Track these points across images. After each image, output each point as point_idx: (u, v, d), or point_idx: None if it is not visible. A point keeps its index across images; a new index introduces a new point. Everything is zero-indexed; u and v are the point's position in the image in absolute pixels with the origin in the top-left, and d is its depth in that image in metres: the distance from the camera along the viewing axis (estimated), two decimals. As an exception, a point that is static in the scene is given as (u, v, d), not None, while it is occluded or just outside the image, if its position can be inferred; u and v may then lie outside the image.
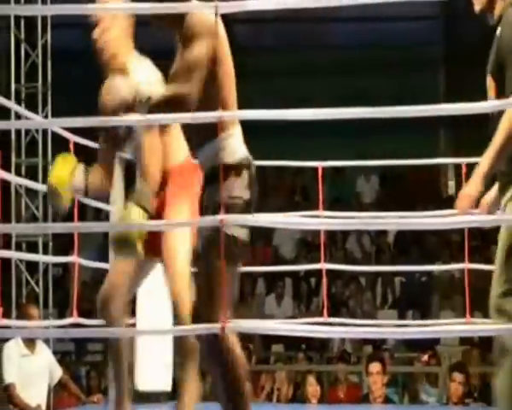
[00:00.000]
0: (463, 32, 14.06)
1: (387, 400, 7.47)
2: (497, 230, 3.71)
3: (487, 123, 3.65)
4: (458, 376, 7.07)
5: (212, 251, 3.49)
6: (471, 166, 6.12)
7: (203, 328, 3.40)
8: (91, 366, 9.97)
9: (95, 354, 10.53)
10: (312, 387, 7.65)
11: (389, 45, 13.02)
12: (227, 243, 3.40)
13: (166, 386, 6.13)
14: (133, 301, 6.01)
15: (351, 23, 13.42)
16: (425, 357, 8.72)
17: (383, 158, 6.65)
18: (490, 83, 3.74)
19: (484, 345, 9.58)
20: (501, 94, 3.57)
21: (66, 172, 4.14)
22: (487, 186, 3.66)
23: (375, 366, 7.04)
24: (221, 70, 3.49)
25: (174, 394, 7.26)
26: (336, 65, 13.12)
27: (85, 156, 5.71)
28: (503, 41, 3.63)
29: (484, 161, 3.55)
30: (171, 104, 3.46)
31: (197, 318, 3.51)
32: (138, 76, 3.91)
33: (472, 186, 3.58)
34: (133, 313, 5.97)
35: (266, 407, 6.34)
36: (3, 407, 6.56)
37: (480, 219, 3.67)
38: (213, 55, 3.47)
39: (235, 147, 3.58)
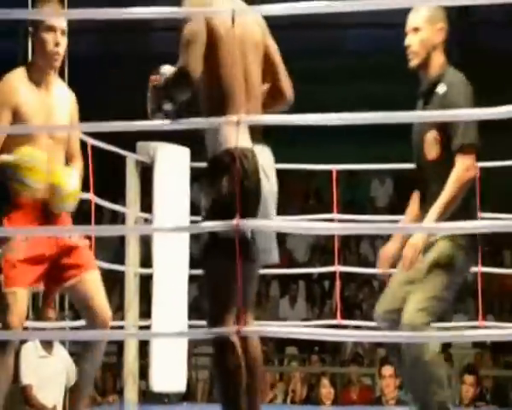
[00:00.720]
0: (478, 38, 14.06)
1: (400, 402, 7.44)
2: (508, 236, 3.71)
3: (495, 128, 3.65)
4: (469, 378, 7.05)
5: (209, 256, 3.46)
6: (482, 170, 6.13)
7: (219, 331, 3.38)
8: (106, 368, 9.98)
9: (110, 356, 10.53)
10: (326, 389, 7.64)
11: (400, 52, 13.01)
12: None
13: (181, 387, 6.13)
14: (148, 304, 6.02)
15: (362, 29, 13.44)
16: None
17: (397, 162, 6.62)
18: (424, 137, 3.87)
19: (496, 348, 9.55)
20: (446, 148, 3.76)
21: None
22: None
23: (387, 369, 7.03)
24: (223, 48, 3.44)
25: (188, 394, 7.27)
26: (348, 71, 13.12)
27: (100, 158, 5.73)
28: (449, 101, 3.78)
29: (431, 216, 3.72)
30: (175, 79, 3.41)
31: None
32: None
33: (419, 237, 3.73)
34: (148, 315, 5.98)
35: (281, 408, 6.33)
36: (21, 408, 6.57)
37: (493, 224, 3.65)
38: (211, 33, 3.42)
39: (225, 136, 3.46)
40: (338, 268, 6.35)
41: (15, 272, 4.01)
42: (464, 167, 3.71)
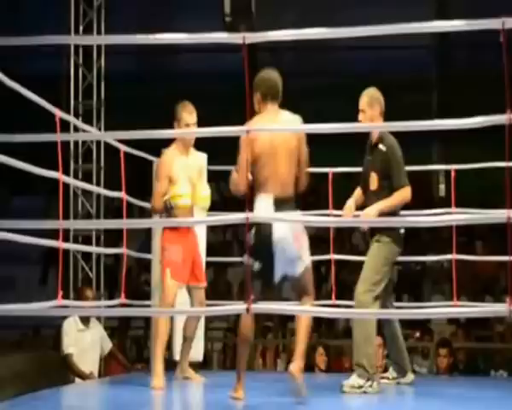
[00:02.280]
0: (454, 58, 14.03)
1: (387, 369, 7.42)
2: (480, 227, 3.72)
3: (471, 137, 3.65)
4: (443, 350, 7.04)
5: None
6: (459, 172, 6.11)
7: (230, 309, 3.39)
8: (136, 340, 10.00)
9: (139, 330, 10.54)
10: (321, 356, 7.63)
11: (388, 71, 13.00)
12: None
13: (198, 356, 6.13)
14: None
15: (356, 51, 13.43)
16: (417, 334, 8.67)
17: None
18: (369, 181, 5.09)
19: (469, 325, 9.55)
20: (381, 184, 5.00)
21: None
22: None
23: (376, 340, 7.00)
24: (258, 158, 4.28)
25: (205, 363, 7.28)
26: (344, 89, 13.10)
27: (131, 162, 5.74)
28: (389, 155, 4.96)
29: (380, 206, 4.89)
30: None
31: None
32: None
33: (372, 211, 4.87)
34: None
35: (283, 376, 6.32)
36: (63, 373, 6.59)
37: (464, 217, 3.65)
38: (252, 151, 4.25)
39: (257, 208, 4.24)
40: (333, 256, 6.43)
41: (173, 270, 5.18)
42: (402, 193, 4.94)
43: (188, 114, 5.24)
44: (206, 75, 14.12)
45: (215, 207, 5.85)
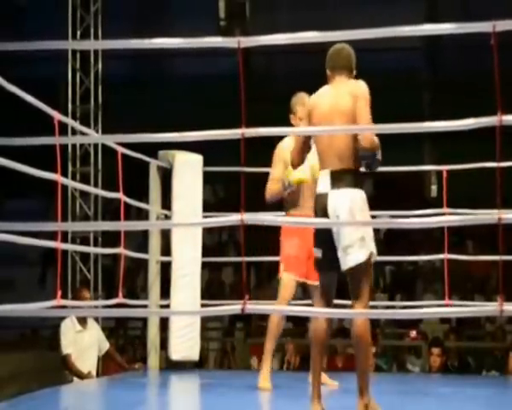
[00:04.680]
0: (445, 60, 14.05)
1: (378, 368, 7.44)
2: (471, 228, 3.72)
3: (462, 138, 3.65)
4: (436, 350, 7.04)
5: None
6: (450, 173, 6.11)
7: (225, 309, 3.38)
8: (133, 339, 9.99)
9: (136, 329, 10.54)
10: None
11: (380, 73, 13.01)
12: None
13: (195, 356, 6.13)
14: (168, 286, 6.02)
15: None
16: (413, 333, 8.68)
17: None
18: None
19: (460, 325, 9.56)
20: None
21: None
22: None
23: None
24: (314, 122, 3.89)
25: (201, 363, 7.27)
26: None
27: (128, 164, 5.73)
28: None
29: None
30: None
31: None
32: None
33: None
34: (168, 296, 5.97)
35: (278, 375, 6.34)
36: (61, 373, 6.57)
37: (456, 219, 3.65)
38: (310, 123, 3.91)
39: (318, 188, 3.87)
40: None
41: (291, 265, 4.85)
42: None
43: (302, 107, 4.78)
44: (202, 78, 14.11)
45: (211, 208, 5.85)
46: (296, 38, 3.41)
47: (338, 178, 3.74)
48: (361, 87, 3.83)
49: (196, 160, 6.21)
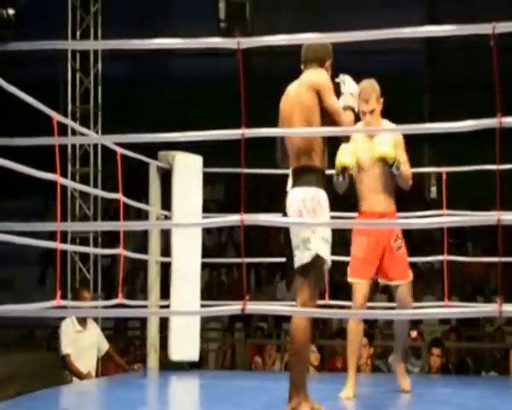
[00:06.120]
0: (445, 61, 14.05)
1: (377, 369, 7.44)
2: (471, 230, 3.73)
3: (462, 140, 3.65)
4: (436, 350, 7.04)
5: None
6: (450, 175, 6.11)
7: (225, 310, 3.38)
8: (133, 339, 9.98)
9: (135, 330, 10.54)
10: (314, 353, 7.63)
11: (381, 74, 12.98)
12: None
13: (194, 356, 6.13)
14: (167, 287, 6.02)
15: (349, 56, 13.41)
16: (414, 334, 8.66)
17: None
18: None
19: (460, 325, 9.55)
20: None
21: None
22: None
23: (363, 340, 7.04)
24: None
25: (200, 363, 7.27)
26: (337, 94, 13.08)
27: (128, 164, 5.73)
28: None
29: None
30: None
31: None
32: None
33: None
34: (167, 296, 5.98)
35: (279, 375, 6.34)
36: (60, 373, 6.57)
37: (455, 220, 3.65)
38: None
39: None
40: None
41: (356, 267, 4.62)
42: None
43: (362, 101, 4.55)
44: (202, 79, 14.12)
45: (210, 209, 5.85)
46: (296, 39, 3.41)
47: (296, 177, 3.69)
48: (320, 77, 3.75)
49: (196, 161, 6.21)
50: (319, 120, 3.68)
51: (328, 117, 3.67)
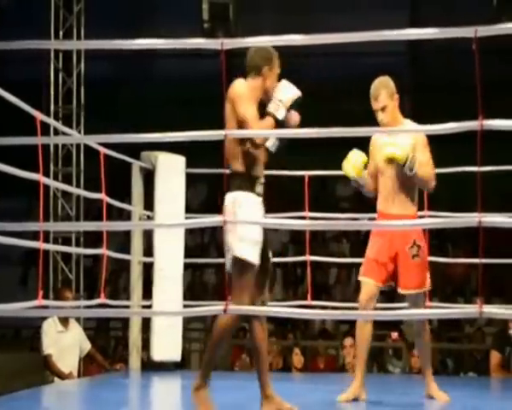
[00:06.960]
0: (427, 64, 14.10)
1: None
2: (452, 232, 3.73)
3: (443, 141, 3.66)
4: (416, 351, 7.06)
5: None
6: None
7: (207, 310, 3.38)
8: (115, 340, 9.95)
9: (117, 330, 10.50)
10: (297, 356, 7.65)
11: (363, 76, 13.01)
12: None
13: (176, 357, 6.12)
14: (150, 287, 6.01)
15: (332, 57, 13.45)
16: (395, 335, 8.69)
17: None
18: None
19: (441, 326, 9.59)
20: None
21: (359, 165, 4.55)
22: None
23: (348, 341, 7.08)
24: None
25: (183, 363, 7.26)
26: (321, 94, 13.12)
27: (110, 165, 5.71)
28: None
29: None
30: None
31: None
32: None
33: None
34: (150, 296, 5.96)
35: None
36: (42, 373, 6.55)
37: (437, 221, 3.67)
38: None
39: None
40: (309, 258, 6.42)
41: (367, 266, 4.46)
42: None
43: (372, 99, 4.55)
44: (185, 79, 14.09)
45: (193, 210, 5.85)
46: (279, 41, 3.42)
47: (229, 182, 3.69)
48: (236, 88, 3.72)
49: (179, 161, 6.21)
50: (236, 128, 3.69)
51: (241, 126, 3.68)
